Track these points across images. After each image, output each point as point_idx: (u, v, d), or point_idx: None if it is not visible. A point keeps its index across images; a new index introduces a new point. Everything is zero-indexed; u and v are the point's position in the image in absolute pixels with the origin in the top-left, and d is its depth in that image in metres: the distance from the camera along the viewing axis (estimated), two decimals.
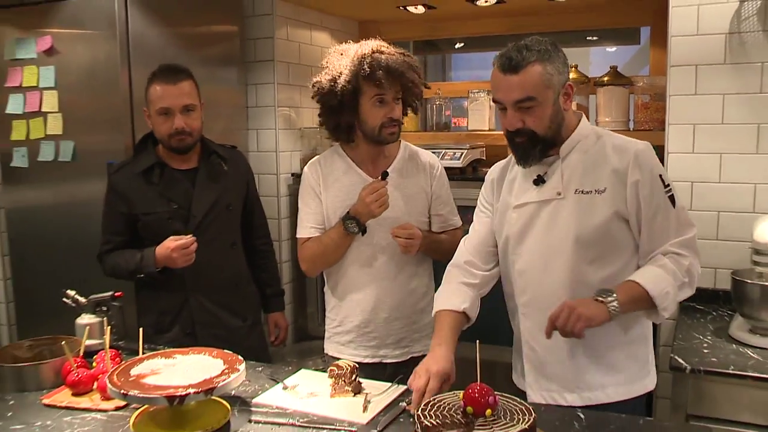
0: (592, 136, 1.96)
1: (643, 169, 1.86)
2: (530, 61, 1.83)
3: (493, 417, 1.50)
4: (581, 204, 1.89)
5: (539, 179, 1.96)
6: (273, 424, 1.74)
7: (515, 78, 1.84)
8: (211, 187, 2.61)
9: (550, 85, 1.85)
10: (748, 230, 2.50)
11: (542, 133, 1.88)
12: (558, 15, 3.74)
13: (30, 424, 1.78)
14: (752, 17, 2.60)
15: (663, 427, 1.73)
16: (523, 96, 1.84)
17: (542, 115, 1.87)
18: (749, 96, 2.65)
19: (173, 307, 2.59)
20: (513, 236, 2.00)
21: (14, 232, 3.34)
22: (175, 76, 2.49)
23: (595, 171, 1.90)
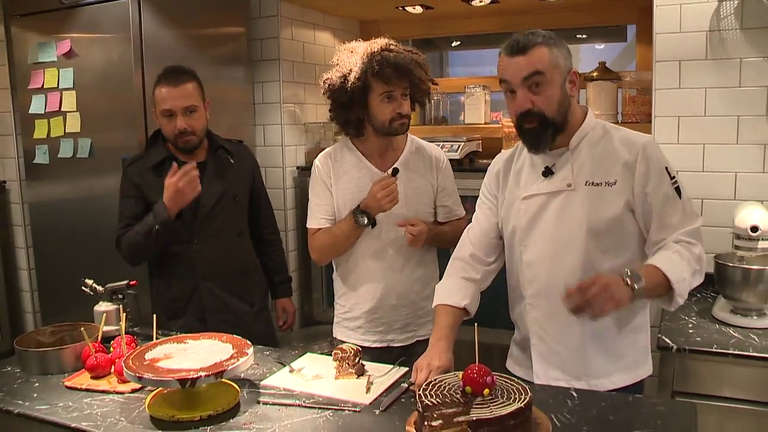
0: (599, 129, 1.90)
1: (651, 161, 1.81)
2: (537, 42, 1.79)
3: (490, 396, 1.49)
4: (592, 196, 1.84)
5: (548, 171, 1.90)
6: (280, 405, 1.74)
7: (523, 58, 1.79)
8: (218, 180, 2.60)
9: (557, 66, 1.80)
10: (729, 216, 2.48)
11: (551, 114, 1.82)
12: (549, 14, 3.71)
13: (53, 404, 1.79)
14: (730, 16, 2.59)
15: (651, 403, 1.71)
16: (532, 70, 1.79)
17: (551, 94, 1.80)
18: (729, 90, 2.63)
19: (184, 294, 2.59)
20: (521, 227, 1.94)
21: (37, 225, 3.34)
22: (177, 78, 2.48)
23: (604, 164, 1.85)
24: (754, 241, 2.30)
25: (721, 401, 2.12)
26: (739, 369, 2.09)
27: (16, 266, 3.68)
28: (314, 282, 3.71)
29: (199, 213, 2.55)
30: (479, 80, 3.83)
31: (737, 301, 2.33)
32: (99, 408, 1.76)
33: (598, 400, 1.70)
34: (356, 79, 2.25)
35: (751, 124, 2.61)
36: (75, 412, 1.74)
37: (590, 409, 1.65)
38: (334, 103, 2.36)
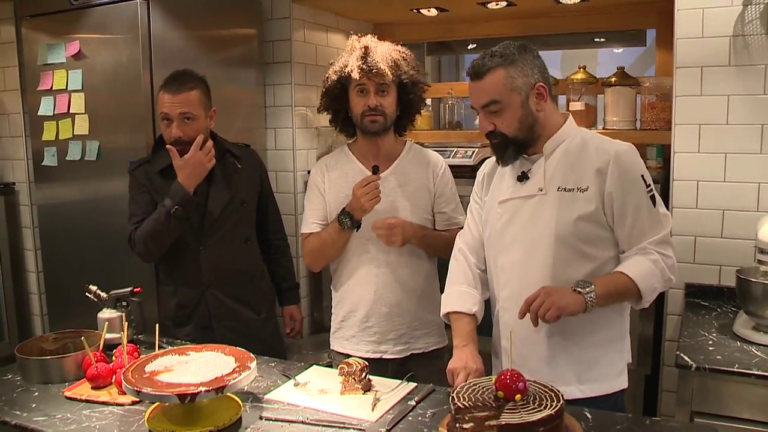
0: (576, 137, 1.91)
1: (622, 169, 1.81)
2: (491, 66, 1.83)
3: (522, 402, 1.52)
4: (563, 201, 1.85)
5: (523, 176, 1.92)
6: (283, 422, 1.69)
7: (479, 84, 1.85)
8: (225, 185, 2.56)
9: (514, 88, 1.83)
10: (752, 229, 2.40)
11: (512, 134, 1.86)
12: (566, 17, 3.65)
13: (52, 416, 1.75)
14: (755, 20, 2.51)
15: (668, 426, 1.65)
16: (487, 100, 1.84)
17: (510, 117, 1.85)
18: (753, 97, 2.55)
19: (190, 302, 2.54)
20: (496, 231, 1.96)
21: (45, 227, 3.32)
22: (180, 84, 2.43)
23: (577, 170, 1.85)
24: None
25: (743, 423, 2.04)
26: (761, 390, 2.01)
27: (25, 268, 3.66)
28: (324, 288, 3.65)
29: (207, 219, 2.51)
30: None
31: (760, 318, 2.24)
32: (98, 421, 1.72)
33: (614, 422, 1.63)
34: (338, 72, 2.32)
35: None
36: (73, 424, 1.70)
37: (605, 431, 1.58)
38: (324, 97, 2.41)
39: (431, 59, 4.69)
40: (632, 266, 1.80)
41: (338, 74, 2.32)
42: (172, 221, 2.40)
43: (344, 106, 2.37)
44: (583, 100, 3.32)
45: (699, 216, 2.66)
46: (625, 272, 1.79)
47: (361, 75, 2.26)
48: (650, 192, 1.84)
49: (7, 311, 3.60)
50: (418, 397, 1.80)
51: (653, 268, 1.79)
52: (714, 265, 2.65)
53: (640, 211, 1.82)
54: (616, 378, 1.92)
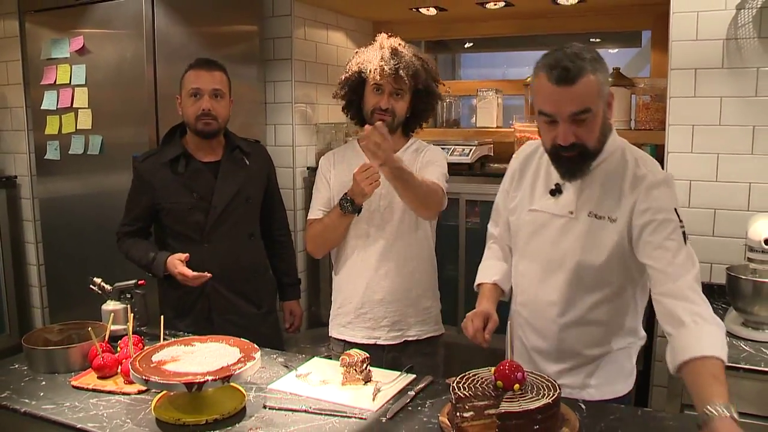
0: (618, 152, 1.81)
1: (656, 205, 1.72)
2: (585, 70, 1.64)
3: (521, 391, 1.56)
4: (592, 229, 1.79)
5: (557, 189, 1.84)
6: (287, 410, 1.73)
7: (572, 90, 1.64)
8: (232, 180, 2.60)
9: (602, 95, 1.69)
10: (742, 227, 2.46)
11: (593, 146, 1.72)
12: (563, 18, 3.70)
13: (60, 404, 1.78)
14: (748, 24, 2.56)
15: (659, 417, 1.70)
16: (581, 108, 1.66)
17: (594, 126, 1.70)
18: (745, 99, 2.60)
19: (192, 294, 2.57)
20: (523, 237, 1.93)
21: (47, 221, 3.35)
22: (209, 65, 2.53)
23: (612, 196, 1.77)
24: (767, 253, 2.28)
25: None
26: (749, 383, 2.07)
27: (26, 261, 3.69)
28: (322, 283, 3.70)
29: (211, 213, 2.55)
30: (492, 83, 3.83)
31: (749, 314, 2.30)
32: (105, 409, 1.76)
33: (607, 412, 1.68)
34: (362, 62, 2.36)
35: (766, 134, 2.58)
36: (81, 412, 1.74)
37: (598, 422, 1.63)
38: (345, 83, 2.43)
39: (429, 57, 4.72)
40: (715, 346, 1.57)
41: (359, 66, 2.36)
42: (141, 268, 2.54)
43: (359, 97, 2.41)
44: None
45: (691, 215, 2.70)
46: (715, 355, 1.54)
47: (381, 76, 2.29)
48: (682, 228, 1.72)
49: (8, 304, 3.63)
50: (418, 388, 1.84)
51: (718, 333, 1.62)
52: (705, 263, 2.69)
53: (672, 250, 1.70)
54: (621, 383, 1.91)
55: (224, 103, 2.55)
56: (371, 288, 2.39)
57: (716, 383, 1.50)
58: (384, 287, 2.38)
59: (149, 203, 2.56)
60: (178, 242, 2.55)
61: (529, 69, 3.63)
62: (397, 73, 2.29)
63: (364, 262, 2.40)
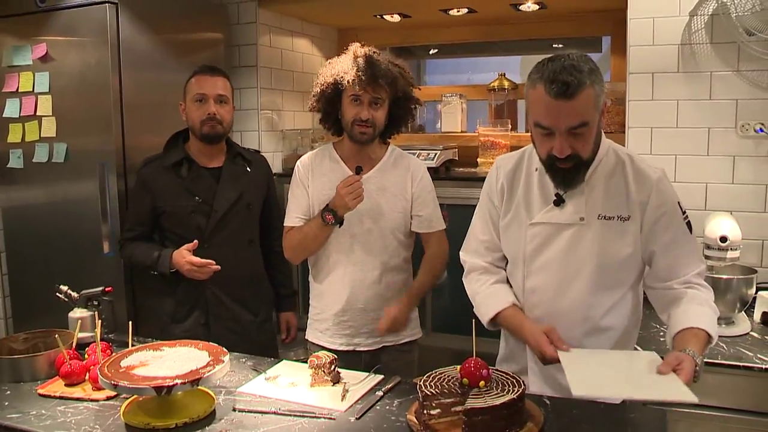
0: (611, 155, 1.83)
1: (665, 199, 1.78)
2: (584, 83, 1.63)
3: (486, 388, 1.59)
4: (605, 231, 1.79)
5: (560, 199, 1.82)
6: (256, 413, 1.74)
7: (570, 104, 1.63)
8: (233, 186, 2.62)
9: (598, 107, 1.69)
10: (699, 226, 2.52)
11: (588, 156, 1.73)
12: (525, 24, 3.76)
13: (26, 412, 1.77)
14: (700, 30, 2.64)
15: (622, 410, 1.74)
16: (579, 122, 1.65)
17: (590, 138, 1.70)
18: (700, 102, 2.69)
19: (190, 298, 2.58)
20: (527, 253, 1.88)
21: (10, 230, 3.30)
22: (213, 71, 2.59)
23: (617, 196, 1.79)
24: (723, 251, 2.36)
25: (691, 408, 2.15)
26: (707, 376, 2.12)
27: None
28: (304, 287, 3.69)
29: (212, 217, 2.56)
30: (456, 89, 3.87)
31: None
32: (73, 416, 1.75)
33: (570, 407, 1.72)
34: (337, 74, 2.34)
35: (721, 136, 2.67)
36: (48, 420, 1.73)
37: (562, 416, 1.67)
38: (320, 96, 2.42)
39: None
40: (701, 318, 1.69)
41: (335, 78, 2.34)
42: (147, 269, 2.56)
43: (336, 108, 2.41)
44: None
45: None
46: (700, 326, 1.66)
47: (360, 86, 2.29)
48: (686, 219, 1.79)
49: None
50: (386, 388, 1.87)
51: (710, 313, 1.71)
52: None
53: (681, 242, 1.77)
54: None
55: (228, 109, 2.60)
56: (354, 297, 2.42)
57: (694, 340, 1.63)
58: (364, 296, 2.42)
59: (150, 207, 2.58)
60: (178, 246, 2.54)
61: (493, 74, 3.70)
62: (377, 82, 2.29)
63: (345, 272, 2.42)
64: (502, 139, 3.28)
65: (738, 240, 2.37)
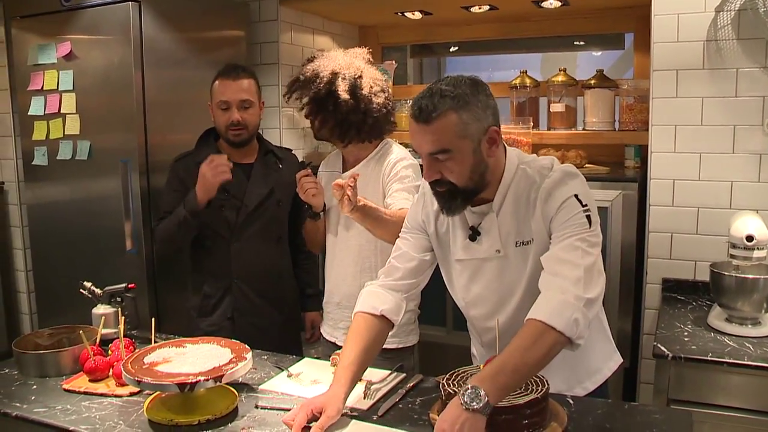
0: (520, 174, 1.73)
1: (552, 202, 1.67)
2: (443, 110, 1.58)
3: None
4: (525, 256, 1.73)
5: (474, 233, 1.77)
6: (279, 410, 1.74)
7: (427, 128, 1.60)
8: (264, 182, 2.62)
9: (467, 135, 1.61)
10: (725, 225, 2.49)
11: (462, 185, 1.66)
12: (547, 21, 3.73)
13: (51, 407, 1.79)
14: (727, 26, 2.60)
15: (647, 411, 1.72)
16: (436, 149, 1.61)
17: (460, 167, 1.63)
18: (725, 99, 2.64)
19: (217, 292, 2.59)
20: (460, 287, 1.87)
21: (35, 227, 3.34)
22: (236, 73, 2.54)
23: (527, 219, 1.72)
24: (750, 250, 2.32)
25: (716, 409, 2.14)
26: (733, 377, 2.11)
27: (14, 267, 3.68)
28: None
29: (241, 212, 2.57)
30: None
31: (732, 310, 2.34)
32: (97, 411, 1.76)
33: (594, 407, 1.71)
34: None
35: (747, 133, 2.63)
36: (73, 415, 1.74)
37: (586, 416, 1.66)
38: None
39: (413, 61, 4.75)
40: (541, 305, 1.55)
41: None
42: (182, 227, 2.49)
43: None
44: (564, 102, 3.40)
45: (675, 213, 2.75)
46: (533, 317, 1.52)
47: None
48: (587, 212, 1.65)
49: None
50: (408, 386, 1.87)
51: (562, 298, 1.53)
52: (689, 260, 2.74)
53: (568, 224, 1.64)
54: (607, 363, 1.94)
55: (253, 111, 2.57)
56: (332, 291, 2.51)
57: (501, 356, 1.50)
58: (342, 291, 2.46)
59: (184, 194, 2.56)
60: (207, 240, 2.57)
61: (514, 72, 3.68)
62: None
63: (329, 265, 2.52)
64: (523, 137, 3.25)
65: (765, 239, 2.33)
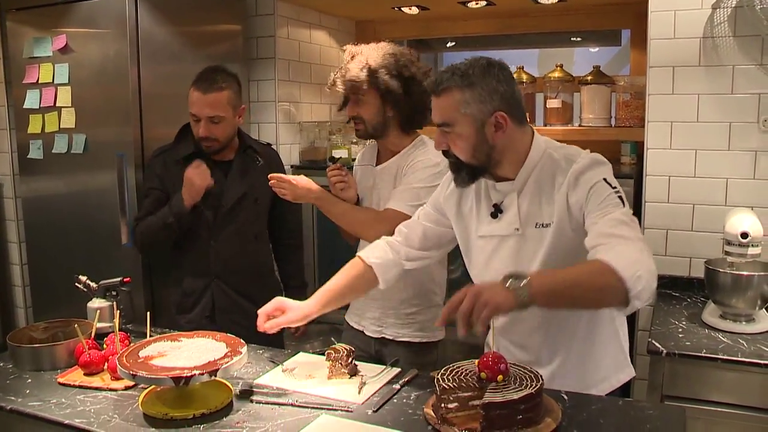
0: (545, 158, 1.77)
1: (581, 186, 1.68)
2: (447, 86, 1.70)
3: (504, 382, 1.58)
4: (543, 237, 1.75)
5: (496, 210, 1.82)
6: (273, 404, 1.74)
7: (436, 100, 1.74)
8: (242, 180, 2.61)
9: (467, 114, 1.69)
10: (720, 222, 2.50)
11: (466, 159, 1.74)
12: (544, 17, 3.73)
13: (46, 401, 1.79)
14: (723, 23, 2.60)
15: (640, 407, 1.73)
16: (439, 120, 1.74)
17: (463, 143, 1.72)
18: (721, 96, 2.65)
19: (196, 290, 2.59)
20: (480, 264, 1.90)
21: (30, 220, 3.33)
22: (209, 85, 2.47)
23: (551, 201, 1.74)
24: (744, 247, 2.32)
25: (710, 405, 2.15)
26: (727, 374, 2.12)
27: (9, 261, 3.68)
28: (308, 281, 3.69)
29: (219, 211, 2.57)
30: None
31: (727, 307, 2.35)
32: (92, 405, 1.76)
33: (588, 403, 1.71)
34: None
35: (742, 130, 2.63)
36: (68, 408, 1.74)
37: (580, 412, 1.66)
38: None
39: None
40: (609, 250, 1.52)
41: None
42: (167, 231, 2.50)
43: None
44: (560, 98, 3.41)
45: (670, 210, 2.75)
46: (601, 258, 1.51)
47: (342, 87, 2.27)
48: (618, 193, 1.67)
49: None
50: (403, 381, 1.86)
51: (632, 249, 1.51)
52: (684, 257, 2.75)
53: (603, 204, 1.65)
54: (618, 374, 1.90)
55: (224, 124, 2.51)
56: None
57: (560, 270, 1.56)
58: None
59: (161, 196, 2.57)
60: (185, 239, 2.57)
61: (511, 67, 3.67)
62: (347, 78, 2.25)
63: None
64: None
65: (759, 236, 2.34)
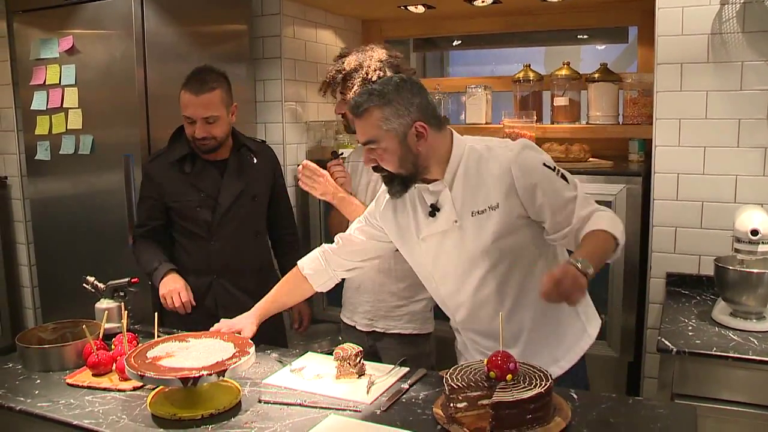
0: (469, 154, 1.89)
1: (526, 172, 1.80)
2: (367, 106, 1.81)
3: (513, 381, 1.58)
4: (481, 223, 1.85)
5: (433, 209, 1.92)
6: (281, 404, 1.74)
7: (358, 122, 1.85)
8: (238, 179, 2.61)
9: (389, 129, 1.81)
10: (730, 219, 2.48)
11: (395, 171, 1.86)
12: (550, 15, 3.72)
13: (55, 401, 1.79)
14: (732, 19, 2.59)
15: (651, 406, 1.72)
16: (365, 139, 1.85)
17: (389, 156, 1.84)
18: (730, 93, 2.63)
19: (199, 290, 2.58)
20: (427, 266, 2.00)
21: (38, 221, 3.34)
22: (200, 86, 2.45)
23: (483, 188, 1.85)
24: (755, 244, 2.30)
25: (720, 404, 2.13)
26: (738, 372, 2.10)
27: (17, 262, 3.68)
28: None
29: (216, 211, 2.56)
30: (480, 80, 3.83)
31: (737, 304, 2.33)
32: (101, 405, 1.77)
33: (598, 402, 1.70)
34: None
35: (752, 127, 2.61)
36: (77, 409, 1.75)
37: (590, 411, 1.65)
38: None
39: (417, 55, 4.75)
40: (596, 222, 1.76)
41: None
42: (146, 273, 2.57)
43: None
44: (567, 96, 3.40)
45: (679, 207, 2.74)
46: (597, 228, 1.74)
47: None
48: (558, 174, 1.83)
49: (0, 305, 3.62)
50: (412, 380, 1.86)
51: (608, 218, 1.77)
52: (694, 254, 2.73)
53: (562, 197, 1.81)
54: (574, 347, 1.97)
55: (219, 123, 2.51)
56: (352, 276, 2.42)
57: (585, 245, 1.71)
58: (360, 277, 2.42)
59: (159, 202, 2.58)
60: (186, 239, 2.58)
61: (518, 65, 3.67)
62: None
63: None
64: (527, 130, 3.24)
65: None
